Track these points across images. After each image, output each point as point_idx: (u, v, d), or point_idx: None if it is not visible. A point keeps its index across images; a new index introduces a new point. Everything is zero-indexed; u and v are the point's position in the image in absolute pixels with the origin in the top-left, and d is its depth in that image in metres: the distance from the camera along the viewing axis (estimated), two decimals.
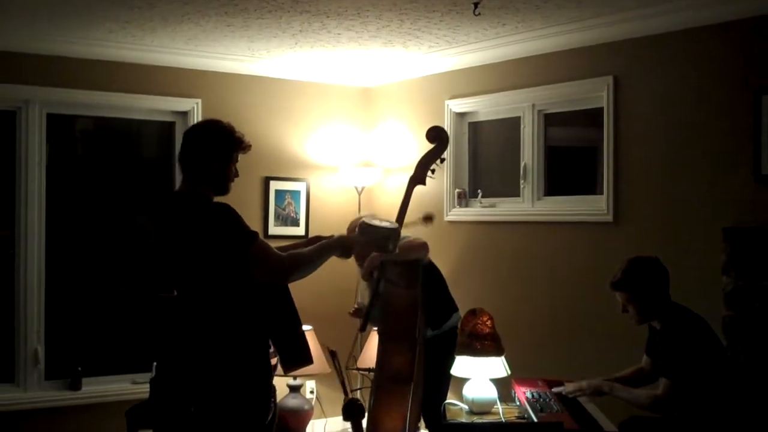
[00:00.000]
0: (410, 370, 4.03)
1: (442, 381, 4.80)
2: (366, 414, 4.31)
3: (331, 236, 3.74)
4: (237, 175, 3.73)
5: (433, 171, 4.48)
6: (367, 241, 3.87)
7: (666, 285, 4.06)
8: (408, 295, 4.29)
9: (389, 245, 3.88)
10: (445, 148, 4.49)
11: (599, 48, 5.15)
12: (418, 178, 4.44)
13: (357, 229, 3.89)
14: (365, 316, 4.48)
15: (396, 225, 4.05)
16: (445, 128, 6.06)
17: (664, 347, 3.97)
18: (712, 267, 4.45)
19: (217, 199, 3.71)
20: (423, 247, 4.70)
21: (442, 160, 4.49)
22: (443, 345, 4.68)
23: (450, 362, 4.74)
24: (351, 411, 4.14)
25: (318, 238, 3.82)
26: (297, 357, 3.61)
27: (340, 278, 6.58)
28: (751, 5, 4.39)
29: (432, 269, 4.90)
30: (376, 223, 3.94)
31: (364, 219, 4.00)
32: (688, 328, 3.92)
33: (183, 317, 3.57)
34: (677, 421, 3.86)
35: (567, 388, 4.33)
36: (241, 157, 3.77)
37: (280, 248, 3.71)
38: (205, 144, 3.63)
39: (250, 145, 3.74)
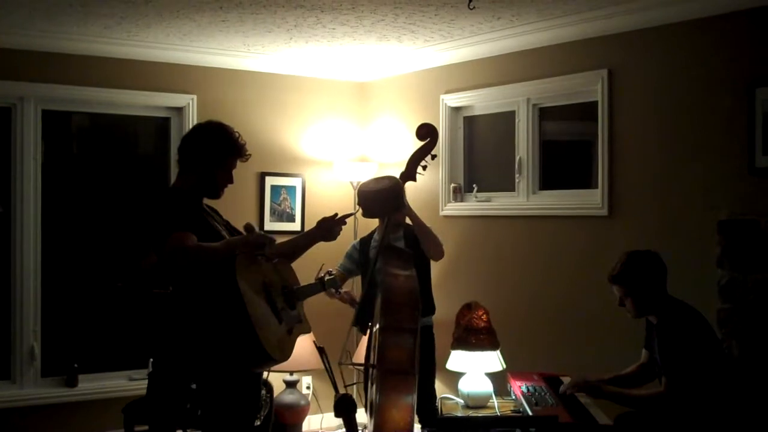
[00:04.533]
0: (412, 361, 4.02)
1: (429, 375, 4.84)
2: (366, 409, 4.31)
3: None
4: (231, 182, 3.75)
5: (424, 167, 4.50)
6: (370, 205, 3.97)
7: (663, 280, 4.05)
8: (407, 287, 4.27)
9: (396, 203, 4.01)
10: (434, 144, 4.51)
11: (594, 41, 5.15)
12: (409, 174, 4.46)
13: (358, 197, 4.00)
14: (357, 310, 4.48)
15: (394, 179, 4.13)
16: (440, 123, 6.09)
17: (662, 344, 3.97)
18: (707, 260, 4.46)
19: (207, 202, 3.75)
20: (438, 245, 4.87)
21: (433, 157, 4.51)
22: (424, 339, 4.71)
23: (432, 358, 4.80)
24: (342, 407, 4.13)
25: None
26: (249, 359, 3.50)
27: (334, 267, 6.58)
28: None
29: (427, 264, 4.97)
30: (372, 185, 4.04)
31: (361, 185, 4.08)
32: (685, 323, 3.91)
33: (170, 312, 3.62)
34: (673, 415, 3.87)
35: (562, 387, 4.30)
36: None
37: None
38: (200, 145, 3.67)
39: (249, 155, 3.77)
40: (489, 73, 5.86)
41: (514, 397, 4.52)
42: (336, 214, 3.98)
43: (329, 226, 3.96)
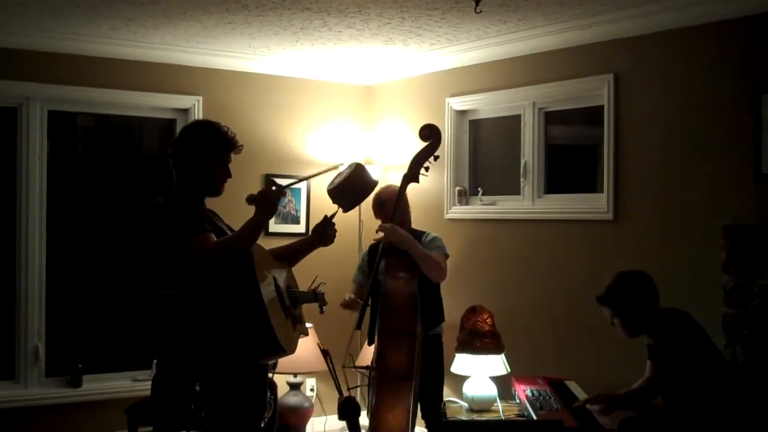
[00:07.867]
0: (410, 366, 4.04)
1: (437, 383, 4.83)
2: (367, 412, 4.32)
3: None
4: (229, 176, 3.74)
5: (427, 169, 4.50)
6: (342, 197, 3.99)
7: (653, 300, 3.95)
8: (407, 291, 4.29)
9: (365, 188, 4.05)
10: (438, 145, 4.52)
11: (600, 46, 5.15)
12: (412, 176, 4.47)
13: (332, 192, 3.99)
14: (361, 313, 4.48)
15: (352, 165, 4.14)
16: (446, 126, 6.09)
17: (662, 367, 3.93)
18: (713, 265, 4.45)
19: (209, 200, 3.75)
20: (439, 269, 4.67)
21: (436, 158, 4.51)
22: (434, 347, 4.73)
23: (440, 366, 4.79)
24: (346, 410, 4.14)
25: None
26: (261, 347, 3.51)
27: (339, 275, 6.59)
28: (751, 3, 4.39)
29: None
30: (337, 181, 4.06)
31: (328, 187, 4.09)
32: (679, 341, 3.84)
33: (175, 314, 3.62)
34: (678, 421, 3.85)
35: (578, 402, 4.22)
36: (241, 154, 3.79)
37: (278, 248, 3.94)
38: (189, 144, 3.68)
39: (241, 146, 3.76)
40: (495, 76, 5.86)
41: (518, 401, 4.52)
42: (325, 216, 3.98)
43: (321, 230, 3.96)
